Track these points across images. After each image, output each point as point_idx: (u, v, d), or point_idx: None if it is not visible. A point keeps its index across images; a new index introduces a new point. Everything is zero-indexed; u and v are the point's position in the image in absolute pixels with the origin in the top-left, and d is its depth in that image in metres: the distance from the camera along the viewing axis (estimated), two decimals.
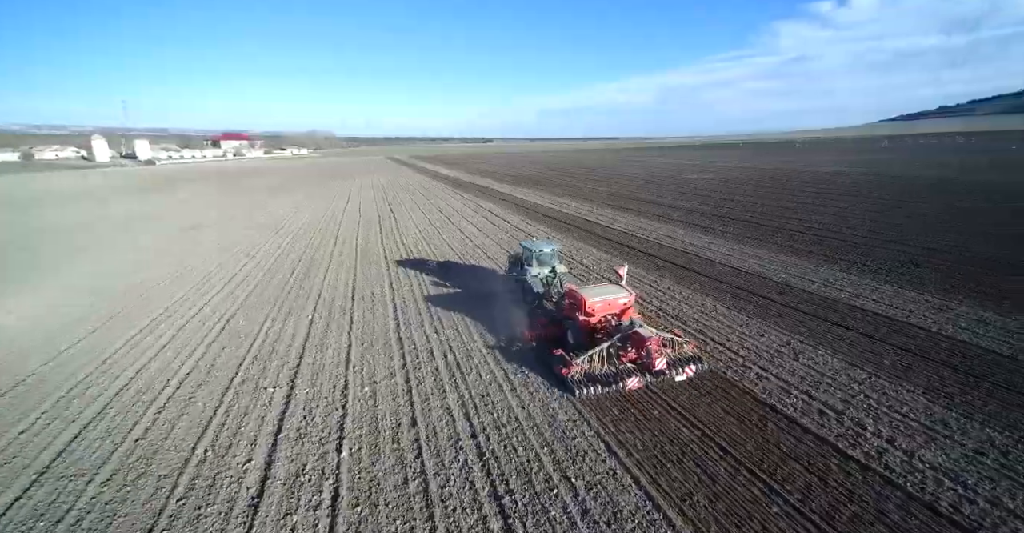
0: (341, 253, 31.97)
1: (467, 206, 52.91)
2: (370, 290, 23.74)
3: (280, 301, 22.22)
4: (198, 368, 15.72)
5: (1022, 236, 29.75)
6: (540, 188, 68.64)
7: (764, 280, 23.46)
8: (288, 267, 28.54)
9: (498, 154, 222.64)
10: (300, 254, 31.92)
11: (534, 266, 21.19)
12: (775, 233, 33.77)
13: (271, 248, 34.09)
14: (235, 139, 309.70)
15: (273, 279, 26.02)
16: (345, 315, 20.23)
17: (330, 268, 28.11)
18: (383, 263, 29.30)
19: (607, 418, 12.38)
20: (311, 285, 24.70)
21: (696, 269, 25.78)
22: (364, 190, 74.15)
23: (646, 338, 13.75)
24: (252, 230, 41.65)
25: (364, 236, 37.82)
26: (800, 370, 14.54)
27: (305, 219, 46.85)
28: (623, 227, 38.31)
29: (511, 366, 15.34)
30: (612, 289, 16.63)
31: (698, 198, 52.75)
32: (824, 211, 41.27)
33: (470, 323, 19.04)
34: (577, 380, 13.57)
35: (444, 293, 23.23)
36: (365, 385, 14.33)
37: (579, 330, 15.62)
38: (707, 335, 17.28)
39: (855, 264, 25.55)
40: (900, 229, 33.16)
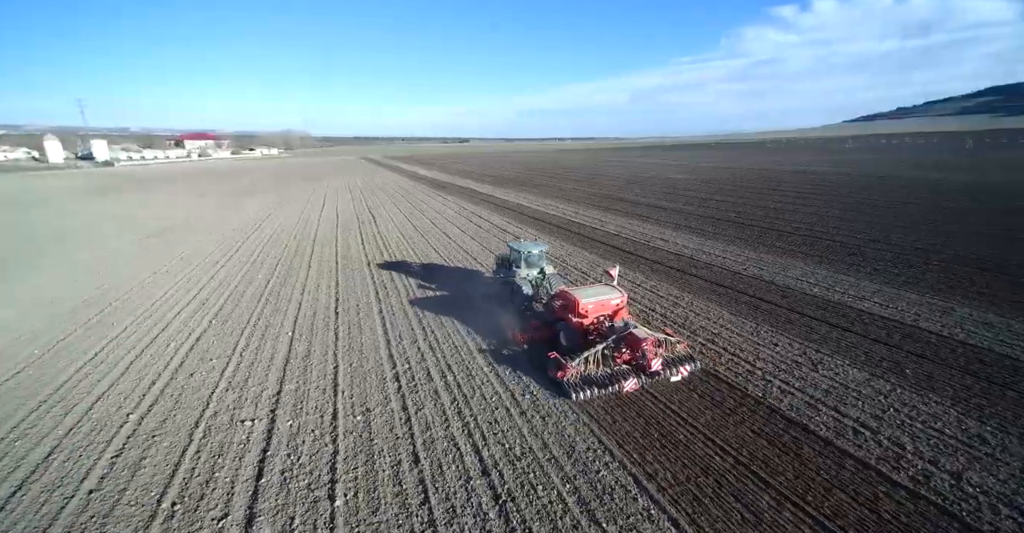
0: (320, 260, 30.04)
1: (449, 208, 51.32)
2: (355, 301, 22.08)
3: (255, 316, 20.33)
4: (162, 399, 13.85)
5: (1002, 235, 30.28)
6: (523, 189, 67.55)
7: (765, 284, 22.91)
8: (263, 277, 26.51)
9: (476, 154, 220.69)
10: (275, 262, 29.84)
11: (522, 267, 20.75)
12: (764, 234, 33.56)
13: (243, 255, 31.84)
14: (200, 139, 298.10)
15: (247, 291, 24.01)
16: (329, 331, 18.56)
17: (309, 277, 26.24)
18: (366, 270, 27.57)
19: (630, 446, 11.27)
20: (289, 297, 22.85)
21: (694, 273, 25.09)
22: (340, 192, 71.50)
23: (641, 339, 13.57)
24: (221, 236, 39.07)
25: (344, 241, 35.87)
26: (823, 383, 13.79)
27: (279, 223, 44.39)
28: (612, 229, 37.54)
29: (517, 385, 14.09)
30: (604, 290, 16.36)
31: (681, 198, 52.63)
32: (807, 211, 41.54)
33: (467, 335, 17.69)
34: (573, 383, 13.34)
35: (435, 300, 21.78)
36: (357, 414, 12.82)
37: (572, 332, 15.46)
38: (718, 344, 16.43)
39: (850, 265, 25.33)
40: (882, 228, 33.42)
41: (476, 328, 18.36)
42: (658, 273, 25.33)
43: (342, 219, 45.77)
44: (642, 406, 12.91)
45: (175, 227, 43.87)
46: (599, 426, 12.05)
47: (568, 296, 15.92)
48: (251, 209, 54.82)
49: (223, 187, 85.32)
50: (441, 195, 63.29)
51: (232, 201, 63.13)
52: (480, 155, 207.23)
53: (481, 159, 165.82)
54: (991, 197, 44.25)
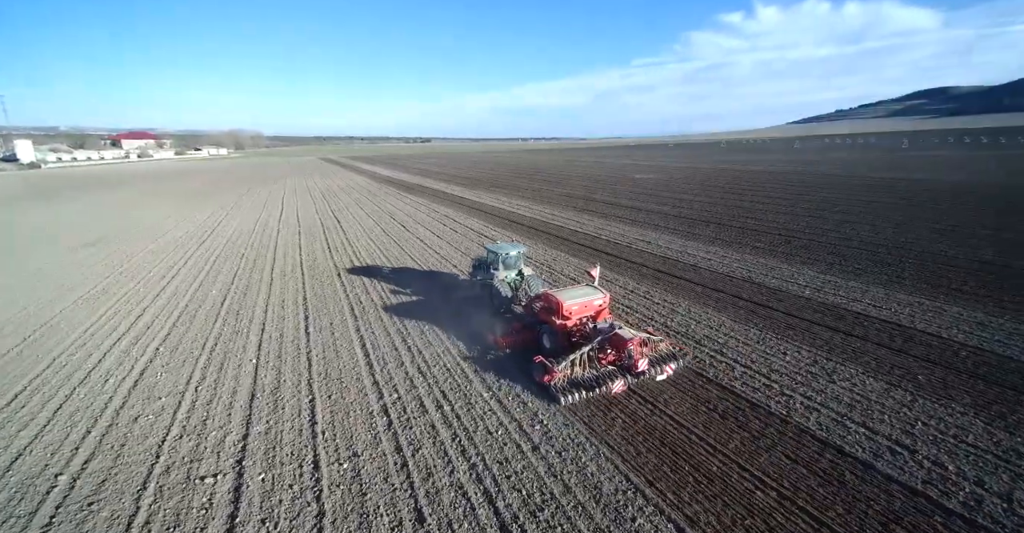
0: (284, 271, 27.41)
1: (420, 211, 49.11)
2: (327, 318, 19.92)
3: (211, 341, 17.85)
4: (100, 454, 11.47)
5: (964, 232, 31.49)
6: (494, 190, 66.02)
7: (755, 286, 22.48)
8: (218, 292, 23.75)
9: (440, 154, 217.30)
10: (232, 274, 26.98)
11: (500, 270, 20.40)
12: (743, 234, 33.60)
13: (194, 267, 28.69)
14: (139, 138, 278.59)
15: (200, 310, 21.30)
16: (300, 355, 16.42)
17: (273, 291, 23.72)
18: (337, 281, 25.30)
19: (661, 484, 10.04)
20: (251, 315, 20.38)
21: (684, 276, 24.42)
22: (299, 194, 67.52)
23: (627, 339, 13.51)
24: (167, 245, 35.38)
25: (309, 248, 33.17)
26: (843, 395, 13.11)
27: (233, 230, 40.86)
28: (592, 230, 36.68)
29: (523, 414, 12.62)
30: (587, 291, 16.18)
31: (653, 199, 52.68)
32: (777, 210, 42.24)
33: (458, 354, 16.05)
34: (561, 387, 13.09)
35: (416, 312, 19.94)
36: (343, 460, 10.96)
37: (556, 335, 15.26)
38: (728, 356, 15.57)
39: (830, 265, 25.40)
40: (851, 226, 34.18)
41: (462, 338, 17.12)
42: (647, 277, 24.51)
43: (305, 225, 42.70)
44: (664, 432, 11.75)
45: (113, 236, 39.51)
46: (623, 460, 10.77)
47: (551, 298, 15.60)
48: (201, 214, 50.52)
49: (168, 190, 79.01)
50: (410, 197, 60.80)
51: (179, 205, 58.18)
52: (444, 155, 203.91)
53: (446, 159, 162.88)
54: (945, 195, 46.60)
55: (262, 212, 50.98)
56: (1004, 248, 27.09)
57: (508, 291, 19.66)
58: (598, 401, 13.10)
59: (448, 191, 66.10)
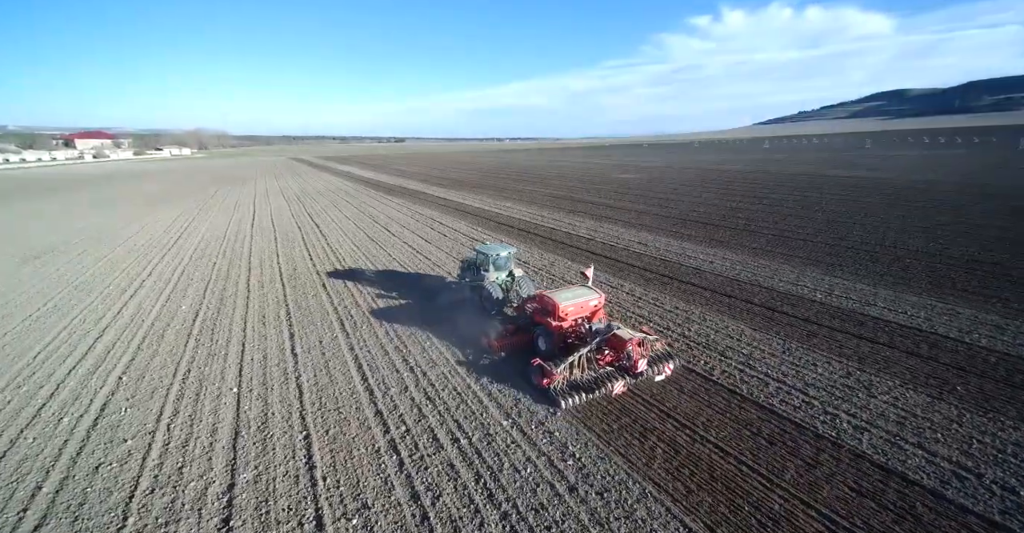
0: (262, 282, 25.24)
1: (403, 213, 47.11)
2: (316, 335, 18.07)
3: (183, 367, 15.81)
4: (53, 517, 9.52)
5: (955, 231, 31.83)
6: (477, 191, 64.41)
7: (765, 290, 21.78)
8: (189, 308, 21.49)
9: (416, 154, 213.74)
10: (203, 286, 24.65)
11: (491, 271, 20.08)
12: (737, 234, 33.15)
13: (159, 280, 26.16)
14: (95, 138, 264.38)
15: (169, 329, 19.09)
16: (288, 382, 14.61)
17: (251, 305, 21.62)
18: (321, 291, 23.36)
19: (724, 529, 8.86)
20: (228, 335, 18.34)
21: (691, 281, 23.56)
22: (272, 197, 64.26)
23: (626, 340, 13.38)
24: (128, 255, 32.46)
25: (288, 255, 30.92)
26: (888, 412, 12.28)
27: (202, 236, 38.02)
28: (585, 233, 35.65)
29: (550, 445, 11.28)
30: (582, 292, 15.96)
31: (641, 199, 52.16)
32: (764, 210, 42.19)
33: (468, 374, 14.58)
34: (560, 391, 12.89)
35: (414, 325, 18.30)
36: (351, 515, 9.36)
37: (552, 336, 15.03)
38: (757, 370, 14.61)
39: (832, 266, 25.01)
40: (841, 226, 34.22)
41: (468, 351, 15.62)
42: (653, 282, 23.53)
43: (281, 229, 40.17)
44: (712, 463, 10.60)
45: (65, 245, 36.14)
46: (673, 500, 9.55)
47: (546, 300, 15.38)
48: (166, 219, 47.13)
49: (126, 193, 74.13)
50: (391, 199, 58.55)
51: (141, 210, 54.31)
52: (421, 155, 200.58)
53: (423, 160, 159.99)
54: (920, 194, 47.65)
55: (232, 216, 47.94)
56: (990, 245, 27.34)
57: (499, 293, 19.32)
58: (631, 427, 11.88)
59: (430, 192, 64.11)
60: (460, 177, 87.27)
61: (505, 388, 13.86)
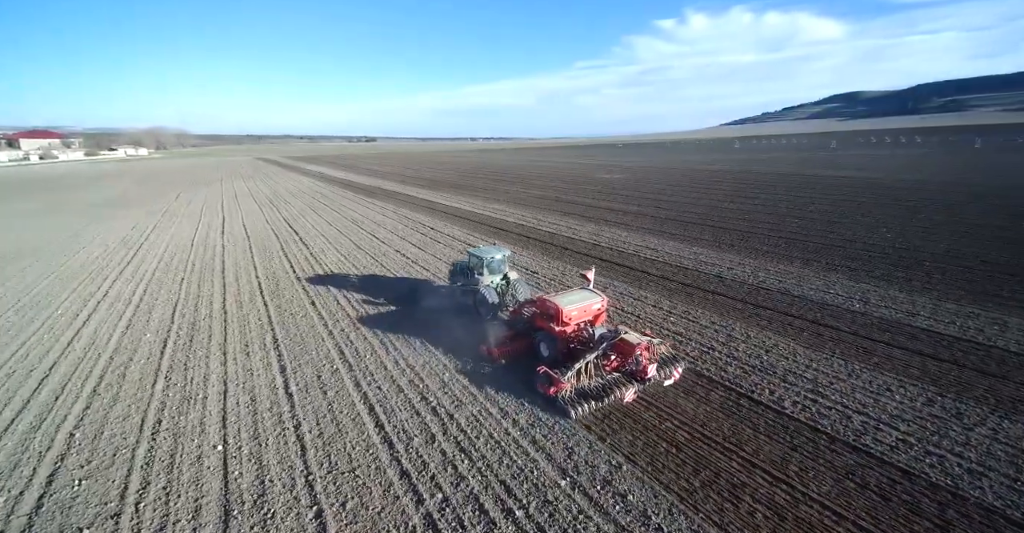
0: (240, 301, 22.22)
1: (388, 217, 44.20)
2: (311, 368, 15.44)
3: (152, 417, 12.97)
4: None
5: (958, 231, 31.52)
6: (463, 192, 61.85)
7: (798, 300, 20.34)
8: (155, 336, 18.41)
9: (389, 154, 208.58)
10: (171, 308, 21.48)
11: (485, 274, 19.46)
12: (744, 237, 31.98)
13: (118, 302, 22.78)
14: (42, 137, 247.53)
15: (131, 365, 16.07)
16: (287, 435, 12.02)
17: (229, 331, 18.70)
18: (311, 311, 20.61)
19: None
20: (204, 371, 15.49)
21: (716, 290, 21.96)
22: (243, 200, 59.96)
23: (635, 345, 12.99)
24: (80, 270, 28.65)
25: (267, 268, 27.80)
26: (998, 451, 10.72)
27: (166, 247, 34.26)
28: (587, 237, 33.83)
29: (626, 514, 9.22)
30: (584, 295, 15.43)
31: (632, 200, 50.84)
32: (761, 211, 41.40)
33: (508, 419, 12.35)
34: (569, 399, 12.43)
35: (428, 351, 15.85)
36: None
37: (555, 342, 14.56)
38: (830, 398, 12.92)
39: (856, 270, 23.95)
40: (846, 226, 33.60)
41: (504, 389, 13.19)
42: (678, 293, 21.82)
43: (256, 237, 36.71)
44: (800, 514, 8.78)
45: (3, 260, 31.80)
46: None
47: (548, 304, 14.85)
48: (123, 227, 42.74)
49: (80, 197, 68.05)
50: (373, 202, 55.34)
51: (94, 216, 49.38)
52: (395, 155, 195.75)
53: (398, 160, 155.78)
54: (907, 193, 48.04)
55: (200, 223, 43.90)
56: (995, 246, 26.94)
57: (495, 297, 18.75)
58: (715, 483, 9.95)
59: (413, 194, 61.16)
60: (440, 177, 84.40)
61: (552, 433, 11.70)
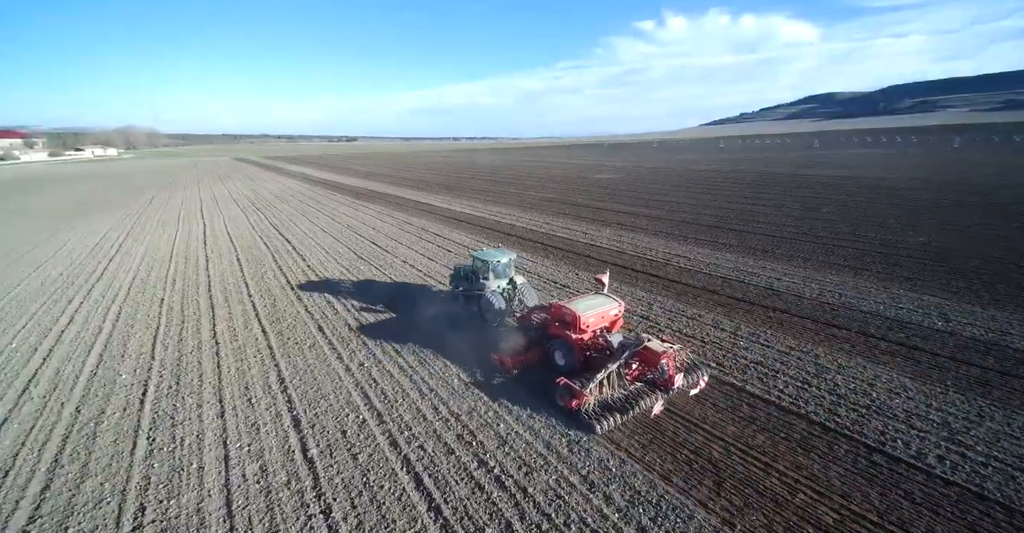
0: (233, 328, 19.01)
1: (387, 222, 41.06)
2: (333, 420, 12.52)
3: (133, 501, 9.93)
4: None
5: (982, 234, 30.16)
6: (459, 194, 58.89)
7: (869, 316, 18.24)
8: (132, 378, 15.18)
9: (372, 154, 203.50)
10: (150, 339, 18.18)
11: (491, 279, 18.74)
12: (774, 242, 30.04)
13: (85, 330, 19.35)
14: (2, 137, 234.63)
15: (103, 419, 12.90)
16: (313, 527, 9.17)
17: (224, 369, 15.56)
18: (321, 340, 17.57)
19: None
20: (197, 429, 12.42)
21: (773, 305, 19.69)
22: (224, 204, 55.84)
23: (660, 353, 12.42)
24: (41, 290, 24.93)
25: (260, 284, 24.54)
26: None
27: (141, 260, 30.55)
28: (607, 243, 31.44)
29: None
30: (600, 300, 14.87)
31: (640, 202, 48.71)
32: (775, 212, 39.65)
33: (589, 490, 9.74)
34: (593, 413, 11.77)
35: (477, 397, 13.17)
36: None
37: (571, 350, 13.94)
38: (972, 448, 10.72)
39: (909, 279, 22.14)
40: (874, 228, 32.00)
41: (572, 450, 10.57)
42: (734, 310, 19.47)
43: (243, 247, 33.20)
44: None
45: None
46: None
47: (564, 310, 14.26)
48: (92, 235, 38.60)
49: (42, 202, 62.76)
50: (366, 206, 51.97)
51: (58, 224, 44.88)
52: (377, 155, 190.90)
53: (383, 160, 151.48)
54: (914, 193, 47.10)
55: (178, 231, 39.98)
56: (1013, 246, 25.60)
57: (502, 303, 18.01)
58: None
59: (407, 197, 57.94)
60: (431, 179, 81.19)
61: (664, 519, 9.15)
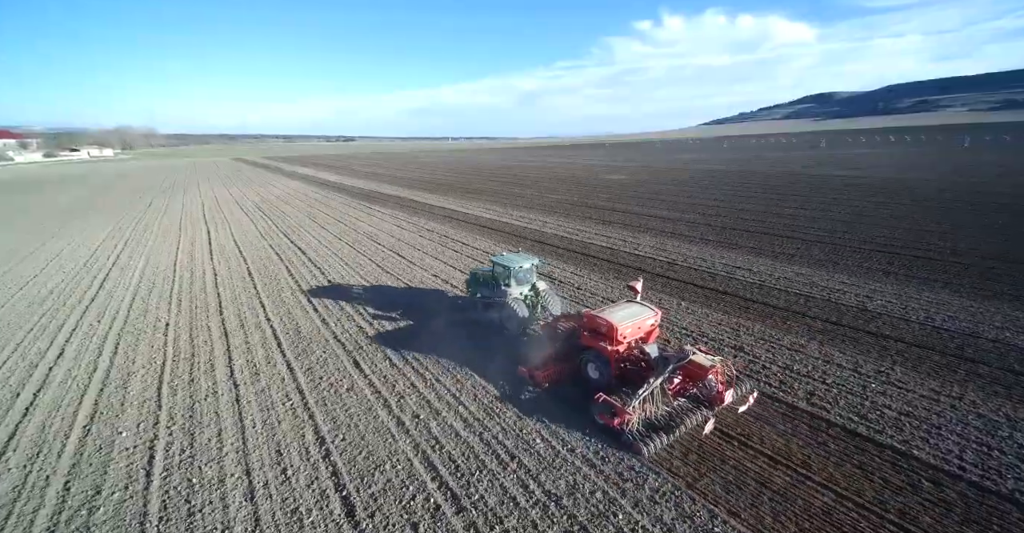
0: (253, 363, 16.22)
1: (405, 229, 38.31)
2: (398, 508, 9.81)
3: None
4: None
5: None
6: (474, 197, 56.16)
7: (1013, 350, 15.70)
8: (134, 442, 12.39)
9: (372, 154, 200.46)
10: (155, 380, 15.40)
11: (512, 285, 17.78)
12: (838, 251, 27.45)
13: (77, 368, 16.56)
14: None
15: (95, 513, 10.18)
16: None
17: (247, 426, 12.77)
18: (363, 384, 14.75)
19: None
20: (220, 519, 9.74)
21: (879, 331, 17.05)
22: (228, 208, 52.96)
23: (707, 368, 11.76)
24: (28, 312, 22.11)
25: (277, 306, 21.75)
26: None
27: (141, 275, 27.73)
28: (650, 252, 28.86)
29: None
30: (636, 309, 14.05)
31: (667, 205, 46.00)
32: (821, 215, 37.00)
33: None
34: (638, 433, 10.84)
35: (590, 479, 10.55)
36: None
37: (607, 363, 13.12)
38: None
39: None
40: (934, 234, 29.42)
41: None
42: (835, 338, 16.79)
43: (254, 259, 30.39)
44: None
45: None
46: None
47: (599, 320, 13.48)
48: (86, 245, 35.75)
49: (33, 206, 59.73)
50: (379, 209, 49.18)
51: (48, 231, 41.95)
52: (380, 155, 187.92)
53: (384, 160, 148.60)
54: (942, 193, 44.61)
55: (180, 240, 37.12)
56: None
57: (525, 311, 17.26)
58: None
59: (420, 199, 55.19)
60: (441, 180, 78.44)
61: None
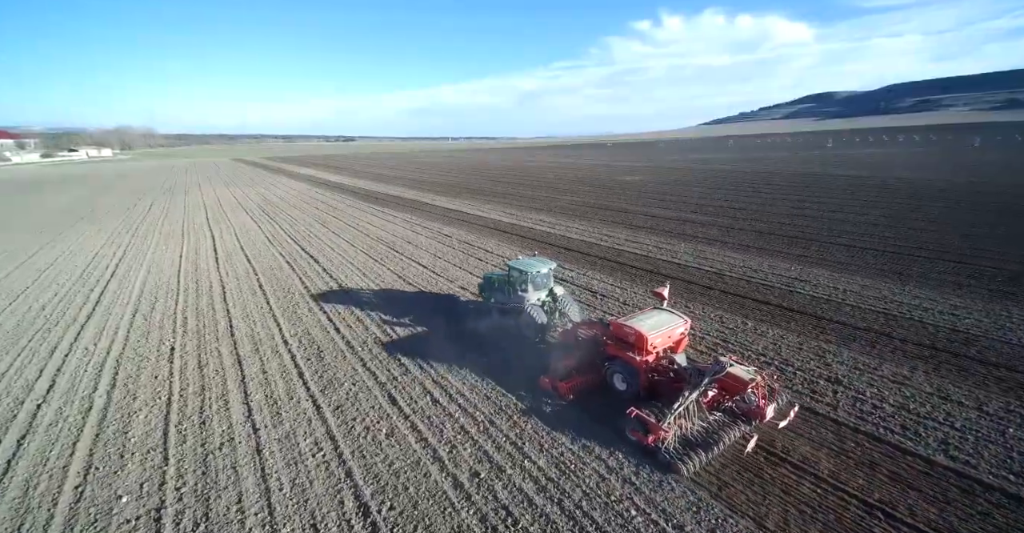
0: (275, 401, 13.92)
1: (421, 234, 36.00)
2: None
3: None
4: None
5: None
6: (488, 199, 53.87)
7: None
8: (136, 510, 10.11)
9: (374, 154, 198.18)
10: (159, 426, 13.07)
11: (529, 291, 17.26)
12: (901, 259, 25.22)
13: (69, 404, 14.25)
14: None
15: None
16: None
17: (270, 485, 10.48)
18: (402, 425, 12.49)
19: None
20: None
21: (981, 358, 14.85)
22: (232, 211, 50.61)
23: (747, 381, 10.94)
24: (16, 334, 19.79)
25: (293, 324, 19.39)
26: None
27: (141, 287, 25.37)
28: (690, 259, 26.58)
29: None
30: (665, 318, 13.10)
31: (695, 208, 43.72)
32: (859, 219, 34.75)
33: None
34: (675, 451, 10.04)
35: None
36: None
37: (635, 374, 12.45)
38: None
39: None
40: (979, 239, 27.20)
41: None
42: (946, 368, 14.55)
43: (263, 268, 28.03)
44: None
45: None
46: None
47: (627, 329, 12.57)
48: (82, 253, 33.42)
49: (28, 208, 57.34)
50: (391, 212, 46.85)
51: (35, 237, 39.60)
52: (380, 155, 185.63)
53: (387, 160, 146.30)
54: (975, 195, 42.35)
55: (183, 246, 34.77)
56: None
57: (543, 317, 16.79)
58: None
59: (431, 202, 52.87)
60: (448, 181, 76.16)
61: None
